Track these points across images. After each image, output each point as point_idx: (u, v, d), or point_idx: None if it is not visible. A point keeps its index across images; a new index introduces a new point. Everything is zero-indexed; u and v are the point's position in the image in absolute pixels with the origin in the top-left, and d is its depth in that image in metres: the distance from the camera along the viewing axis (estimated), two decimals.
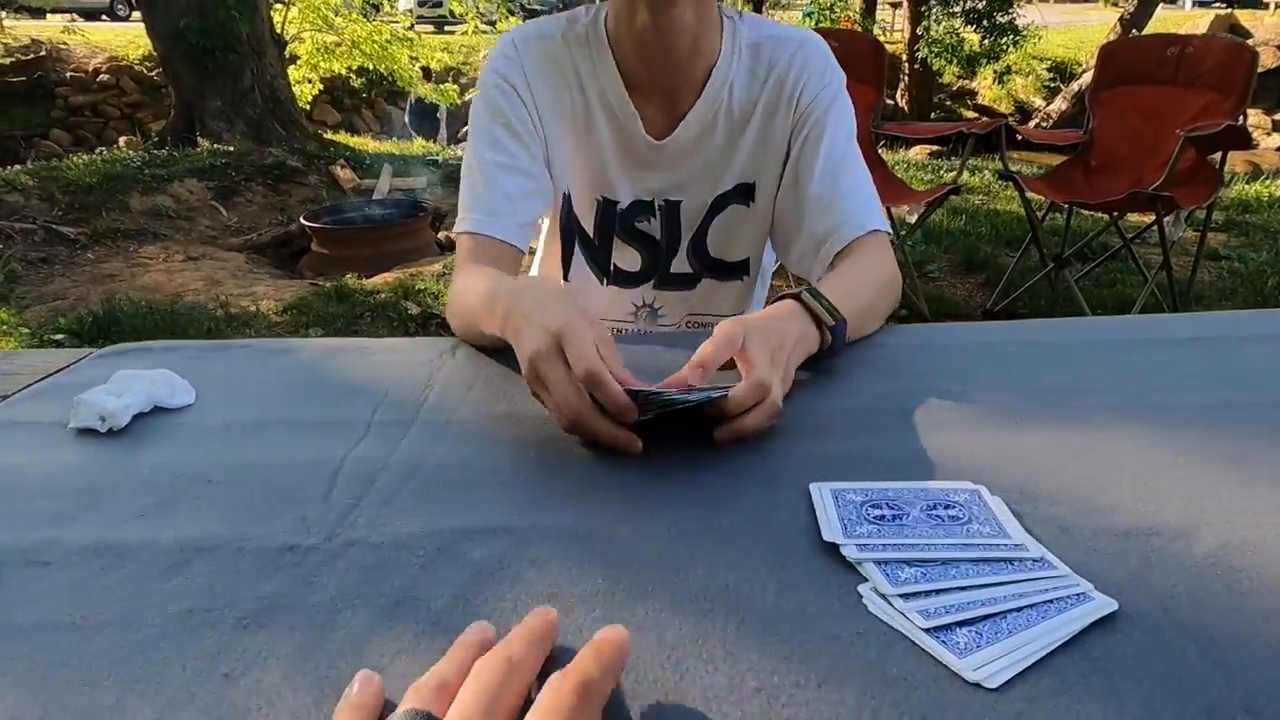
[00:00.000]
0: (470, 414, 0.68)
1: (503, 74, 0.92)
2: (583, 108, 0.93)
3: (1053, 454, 0.58)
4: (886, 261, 0.88)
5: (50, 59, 12.67)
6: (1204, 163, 3.05)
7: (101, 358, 0.85)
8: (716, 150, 0.95)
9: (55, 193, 4.81)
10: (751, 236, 1.00)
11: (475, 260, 0.88)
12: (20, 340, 2.98)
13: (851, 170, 0.91)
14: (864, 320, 0.79)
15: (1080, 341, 0.81)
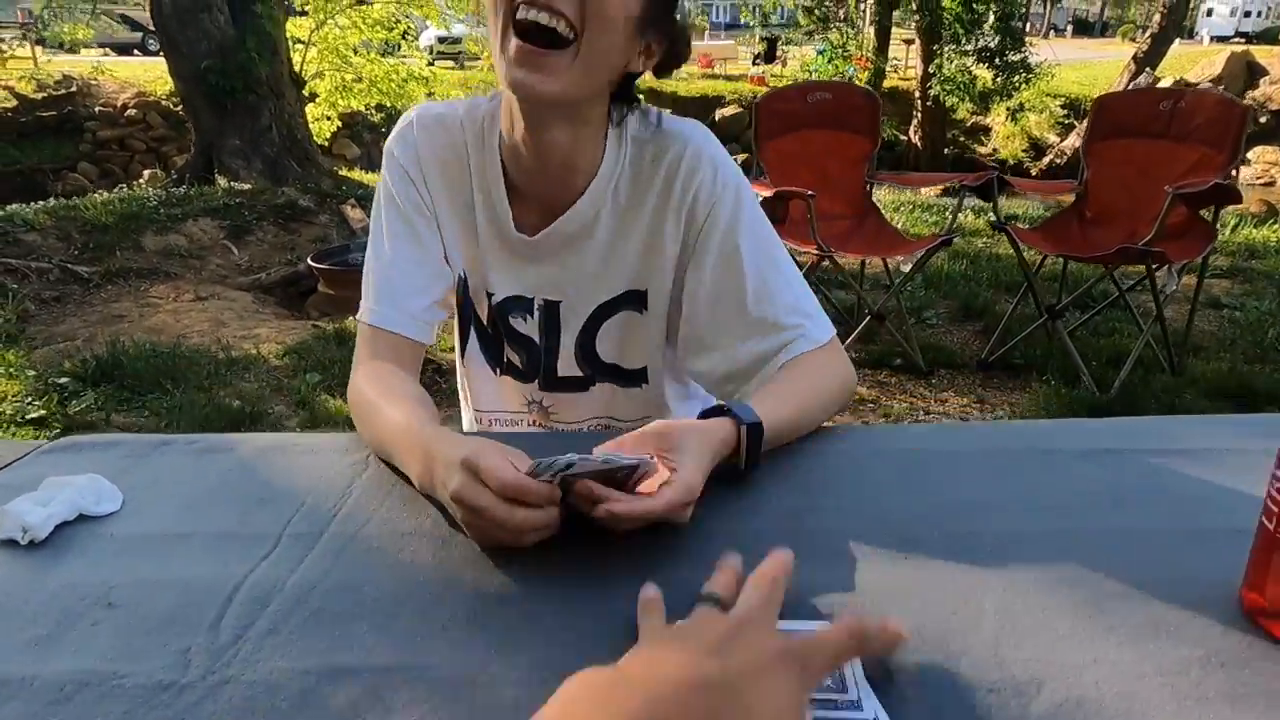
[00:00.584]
0: (376, 530, 0.70)
1: (398, 156, 0.93)
2: (469, 195, 0.93)
3: (925, 587, 0.60)
4: (831, 368, 0.88)
5: (80, 94, 13.03)
6: (1196, 217, 3.05)
7: (47, 453, 0.88)
8: (599, 252, 0.93)
9: (73, 232, 4.93)
10: (647, 344, 0.97)
11: (375, 355, 0.90)
12: (26, 383, 3.05)
13: (782, 287, 0.89)
14: (796, 428, 0.81)
15: (986, 450, 0.82)
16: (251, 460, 0.84)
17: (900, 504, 0.72)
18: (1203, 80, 16.09)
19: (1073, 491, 0.74)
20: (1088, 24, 44.32)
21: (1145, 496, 0.73)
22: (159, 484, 0.80)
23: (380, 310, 0.91)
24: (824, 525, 0.69)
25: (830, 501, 0.73)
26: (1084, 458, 0.80)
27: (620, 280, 0.94)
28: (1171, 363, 3.20)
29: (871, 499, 0.73)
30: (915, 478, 0.77)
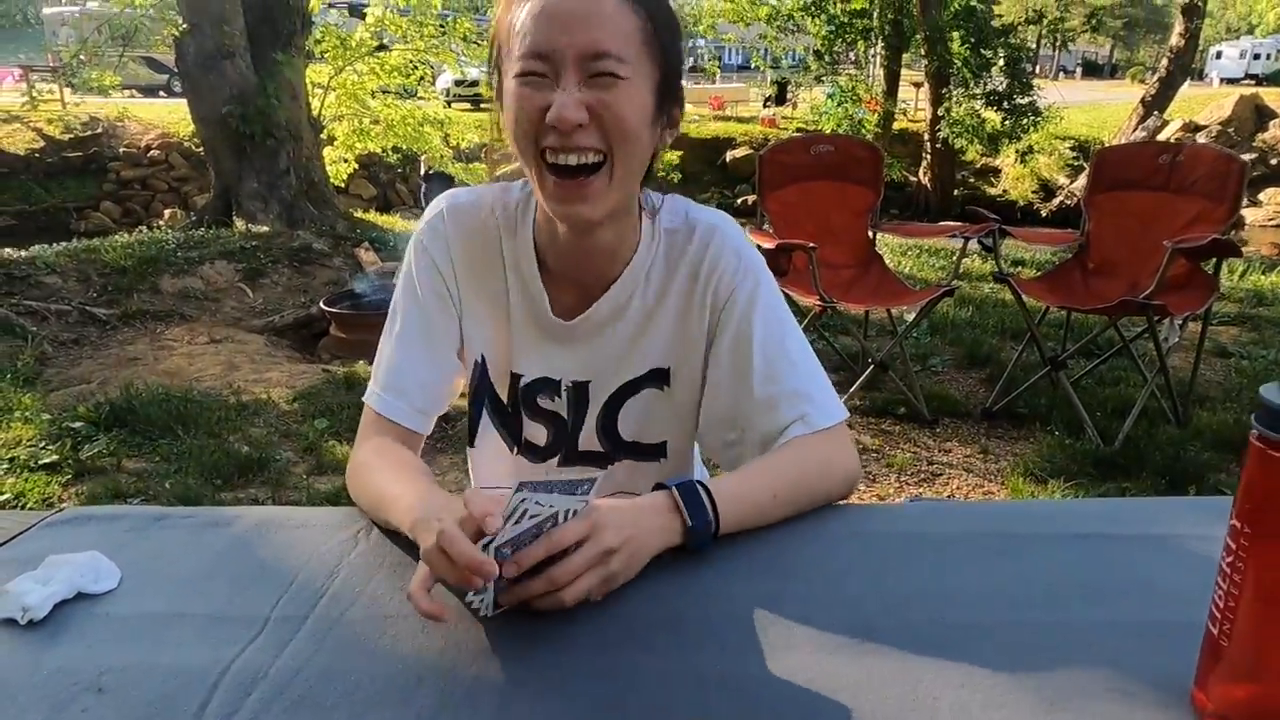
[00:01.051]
0: (361, 613, 0.73)
1: (427, 246, 0.96)
2: (502, 281, 0.96)
3: (883, 681, 0.61)
4: (833, 453, 0.89)
5: (106, 136, 13.37)
6: (1198, 269, 3.07)
7: (51, 526, 0.91)
8: (628, 334, 0.96)
9: (92, 274, 5.04)
10: (669, 420, 1.00)
11: (379, 433, 0.95)
12: (40, 427, 3.11)
13: (792, 368, 0.92)
14: (769, 508, 0.83)
15: (952, 534, 0.84)
16: (246, 536, 0.87)
17: (864, 591, 0.74)
18: (1212, 123, 16.18)
19: (1036, 580, 0.75)
20: (1097, 66, 44.75)
21: (1108, 586, 0.74)
22: (157, 560, 0.83)
23: (386, 398, 0.96)
24: (790, 612, 0.71)
25: (799, 588, 0.75)
26: (1051, 542, 0.82)
27: (646, 360, 0.97)
28: (1177, 414, 3.19)
29: (837, 585, 0.75)
30: (880, 563, 0.79)
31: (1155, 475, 2.76)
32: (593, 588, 0.69)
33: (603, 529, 0.70)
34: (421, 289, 0.96)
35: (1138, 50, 44.94)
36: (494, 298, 0.97)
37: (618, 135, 0.80)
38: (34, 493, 2.65)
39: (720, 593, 0.74)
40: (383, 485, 0.86)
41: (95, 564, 0.79)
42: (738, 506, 0.80)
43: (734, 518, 0.79)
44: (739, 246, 0.95)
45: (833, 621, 0.69)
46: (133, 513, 0.94)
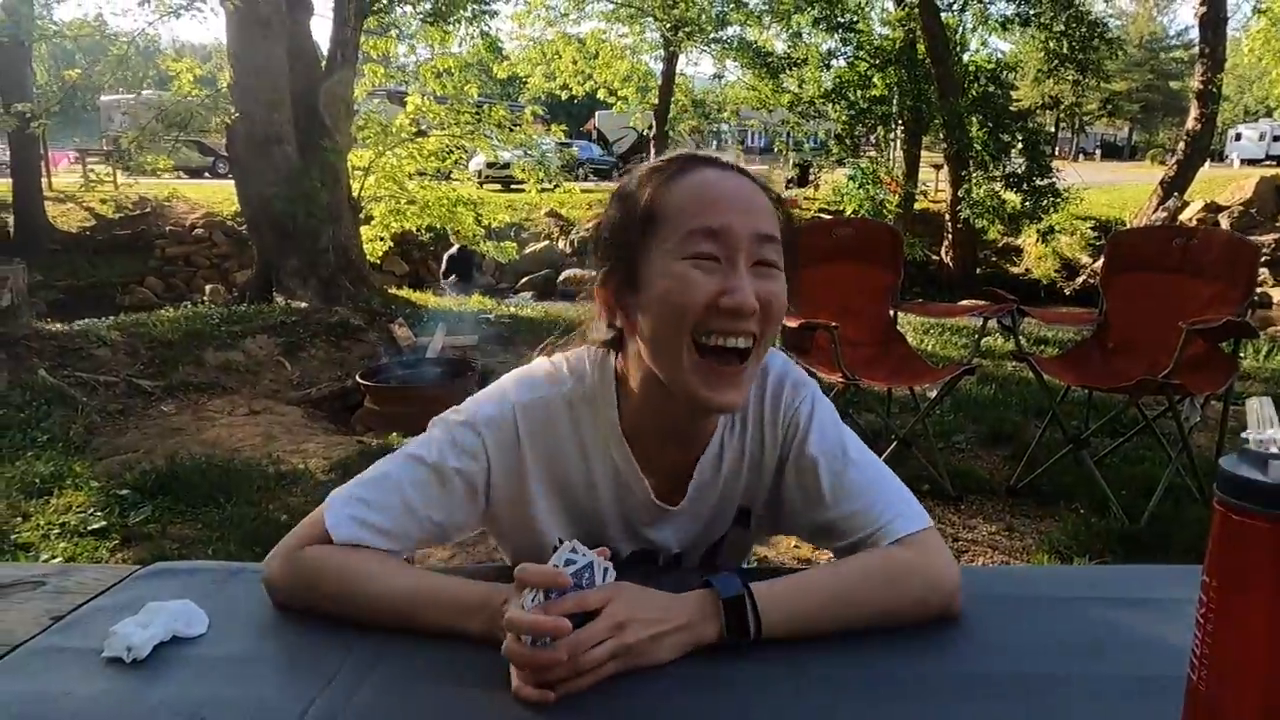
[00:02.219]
0: (424, 664, 0.81)
1: (488, 443, 0.89)
2: (585, 473, 0.93)
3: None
4: (904, 559, 0.85)
5: (154, 215, 13.99)
6: (1216, 350, 3.13)
7: (142, 578, 1.01)
8: (717, 496, 0.97)
9: (140, 347, 5.26)
10: (743, 551, 1.08)
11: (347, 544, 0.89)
12: (90, 494, 3.23)
13: (858, 478, 0.91)
14: (810, 619, 0.81)
15: (983, 597, 0.91)
16: None
17: (861, 652, 0.81)
18: (1233, 204, 16.28)
19: (1037, 639, 0.82)
20: (1116, 148, 45.38)
21: (1105, 647, 0.81)
22: (237, 608, 0.92)
23: (370, 519, 0.89)
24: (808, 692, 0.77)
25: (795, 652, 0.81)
26: (1058, 605, 0.88)
27: (733, 509, 0.99)
28: (1202, 492, 3.19)
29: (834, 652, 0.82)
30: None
31: (1182, 553, 2.76)
32: (609, 659, 0.72)
33: (623, 601, 0.74)
34: (456, 468, 0.89)
35: (1156, 132, 45.61)
36: (567, 484, 0.93)
37: (772, 324, 0.83)
38: (83, 557, 2.76)
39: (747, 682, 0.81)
40: (398, 586, 0.85)
41: (187, 610, 0.88)
42: (784, 616, 0.79)
43: (781, 626, 0.79)
44: (798, 379, 0.96)
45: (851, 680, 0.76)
46: (212, 567, 1.04)
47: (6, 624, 0.90)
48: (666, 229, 0.82)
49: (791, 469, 0.93)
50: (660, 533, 0.97)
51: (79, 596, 0.97)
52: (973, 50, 16.02)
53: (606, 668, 0.73)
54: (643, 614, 0.75)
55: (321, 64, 8.09)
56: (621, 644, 0.73)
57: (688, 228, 0.80)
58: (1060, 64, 14.26)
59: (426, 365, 5.31)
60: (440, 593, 0.83)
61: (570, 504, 0.94)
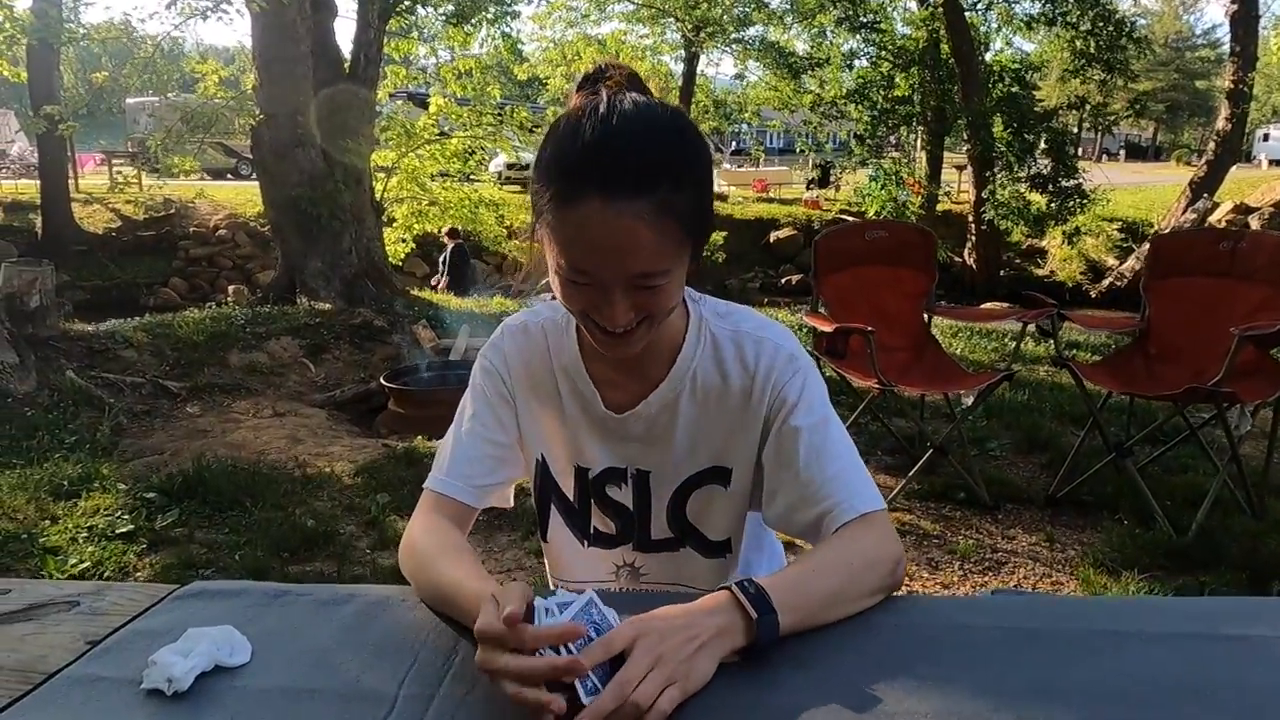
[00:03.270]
0: (484, 693, 0.75)
1: (489, 357, 1.07)
2: (553, 383, 1.05)
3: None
4: (872, 542, 0.90)
5: (178, 216, 14.11)
6: (1266, 357, 3.03)
7: (179, 599, 0.96)
8: (682, 430, 1.01)
9: (165, 349, 5.27)
10: (730, 517, 1.05)
11: (431, 510, 1.01)
12: (117, 497, 3.22)
13: (833, 457, 0.95)
14: (823, 607, 0.82)
15: (1066, 631, 0.84)
16: (363, 615, 0.91)
17: (951, 690, 0.74)
18: (1264, 205, 16.00)
19: (1143, 680, 0.75)
20: (1141, 149, 44.79)
21: (1219, 689, 0.74)
22: (281, 635, 0.87)
23: (442, 479, 1.03)
24: (857, 712, 0.72)
25: (880, 683, 0.75)
26: (1156, 641, 0.82)
27: (704, 456, 1.02)
28: (1251, 504, 3.10)
29: (916, 685, 0.75)
30: (967, 659, 0.79)
31: (1234, 569, 2.67)
32: (663, 692, 0.68)
33: (652, 632, 0.72)
34: (486, 389, 1.06)
35: (1182, 133, 44.98)
36: (548, 399, 1.06)
37: (662, 313, 0.89)
38: (111, 561, 2.74)
39: (771, 683, 0.75)
40: (437, 574, 0.91)
41: (230, 638, 0.83)
42: (795, 603, 0.79)
43: (793, 614, 0.79)
44: (791, 350, 1.00)
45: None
46: (254, 588, 0.99)
47: (41, 649, 0.86)
48: (551, 243, 0.85)
49: (774, 436, 0.98)
50: (623, 448, 1.04)
51: (114, 618, 0.92)
52: (996, 50, 15.86)
53: (664, 700, 0.69)
54: (673, 637, 0.72)
55: (345, 65, 8.10)
56: (668, 674, 0.70)
57: (563, 258, 0.84)
58: (1087, 63, 14.06)
59: (450, 367, 5.28)
60: (461, 585, 0.86)
61: (547, 410, 1.06)
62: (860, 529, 0.90)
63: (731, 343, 1.00)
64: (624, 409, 1.02)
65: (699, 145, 0.87)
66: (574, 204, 0.81)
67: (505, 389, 1.06)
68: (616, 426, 1.03)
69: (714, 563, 1.07)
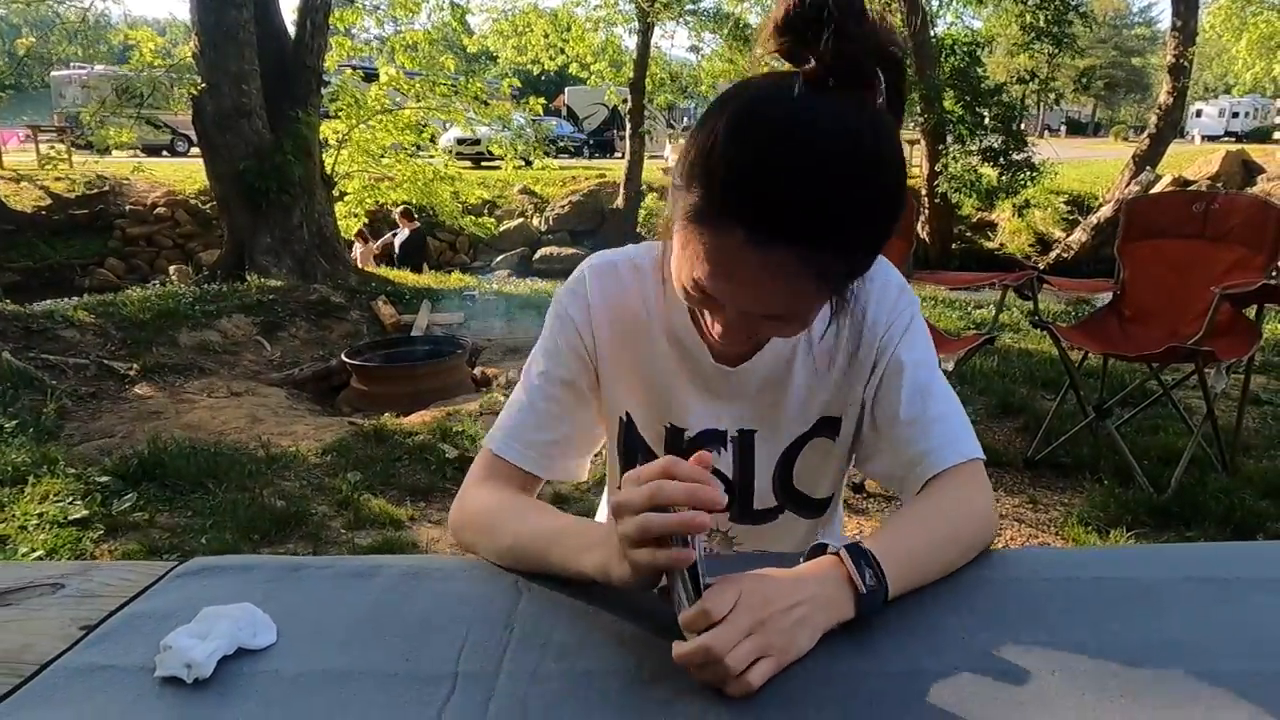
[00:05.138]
0: (555, 668, 0.67)
1: (566, 304, 0.94)
2: (649, 333, 0.93)
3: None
4: (974, 495, 0.84)
5: (113, 193, 13.47)
6: (1240, 316, 3.07)
7: (180, 578, 0.85)
8: (797, 382, 0.92)
9: (110, 328, 5.00)
10: (835, 472, 0.98)
11: (492, 476, 0.92)
12: (67, 482, 3.03)
13: (938, 398, 0.88)
14: (925, 568, 0.77)
15: (1160, 580, 0.79)
16: (395, 588, 0.81)
17: (1071, 641, 0.69)
18: (1201, 178, 16.51)
19: (1267, 628, 0.70)
20: (1080, 124, 45.87)
21: None
22: (306, 613, 0.77)
23: (506, 441, 0.93)
24: (964, 673, 0.66)
25: (973, 643, 0.69)
26: (1263, 587, 0.77)
27: (815, 409, 0.94)
28: (1224, 462, 3.15)
29: (1032, 643, 0.70)
30: (1077, 611, 0.73)
31: (1216, 524, 2.71)
32: (758, 663, 0.62)
33: (756, 594, 0.65)
34: (561, 342, 0.94)
35: (1119, 109, 46.16)
36: (639, 350, 0.94)
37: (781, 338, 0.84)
38: (66, 549, 2.57)
39: (873, 651, 0.69)
40: (530, 526, 0.82)
41: (252, 617, 0.73)
42: (902, 568, 0.73)
43: (900, 580, 0.73)
44: (899, 285, 0.92)
45: (1036, 682, 0.64)
46: (265, 562, 0.88)
47: (26, 637, 0.75)
48: (682, 242, 0.72)
49: (880, 369, 0.90)
50: (727, 407, 0.93)
51: (108, 600, 0.81)
52: (946, 24, 15.96)
53: (754, 674, 0.62)
54: (777, 602, 0.66)
55: (290, 34, 7.75)
56: (766, 640, 0.63)
57: (694, 274, 0.72)
58: (1036, 37, 14.25)
59: (413, 343, 5.12)
60: (565, 530, 0.80)
61: (638, 363, 0.94)
62: (961, 478, 0.84)
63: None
64: (735, 362, 0.91)
65: (894, 198, 0.69)
66: (712, 226, 0.68)
67: (583, 344, 0.93)
68: (725, 384, 0.92)
69: (813, 523, 0.99)
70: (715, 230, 0.68)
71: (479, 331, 5.67)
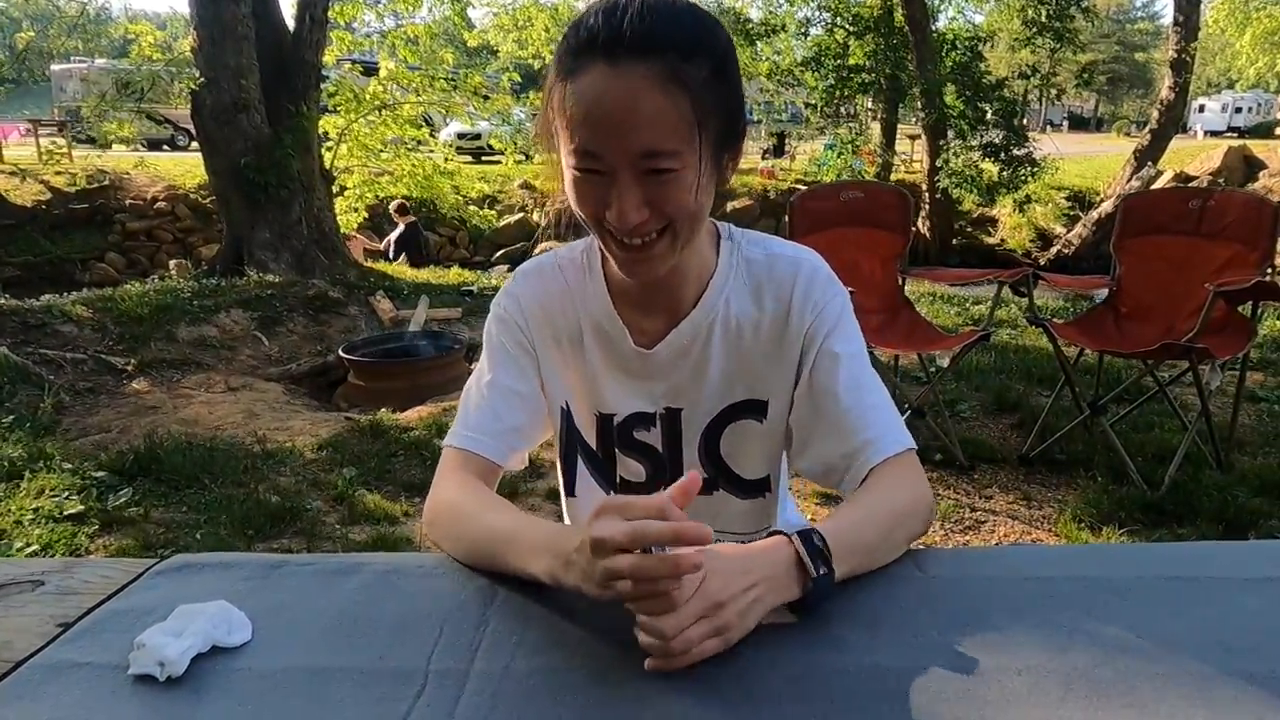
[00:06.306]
0: (525, 665, 0.68)
1: (503, 305, 1.00)
2: (575, 327, 0.98)
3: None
4: (913, 484, 0.87)
5: (113, 188, 13.46)
6: (1235, 313, 3.07)
7: (161, 574, 0.86)
8: (716, 360, 0.96)
9: (108, 323, 5.00)
10: (767, 454, 1.00)
11: (457, 468, 0.93)
12: (63, 477, 3.04)
13: (871, 389, 0.92)
14: (872, 555, 0.80)
15: (1140, 579, 0.80)
16: (375, 585, 0.82)
17: (1034, 640, 0.69)
18: (1202, 174, 16.48)
19: (1245, 628, 0.71)
20: (1083, 120, 45.77)
21: None
22: (284, 610, 0.78)
23: (466, 434, 0.95)
24: (925, 668, 0.66)
25: (936, 638, 0.70)
26: (1247, 587, 0.77)
27: (740, 389, 0.97)
28: (1218, 459, 3.15)
29: (989, 630, 0.70)
30: (1044, 610, 0.74)
31: (1208, 521, 2.71)
32: (704, 641, 0.65)
33: (718, 574, 0.67)
34: (504, 338, 0.99)
35: (1121, 105, 46.03)
36: (570, 345, 0.99)
37: (679, 214, 0.81)
38: (61, 544, 2.58)
39: (830, 643, 0.69)
40: (487, 526, 0.83)
41: (227, 615, 0.74)
42: (850, 554, 0.76)
43: (846, 565, 0.75)
44: (829, 276, 0.96)
45: (992, 681, 0.64)
46: (245, 560, 0.89)
47: (4, 633, 0.76)
48: (562, 132, 0.80)
49: (811, 360, 0.93)
50: (649, 387, 0.98)
51: (87, 598, 0.82)
52: (948, 19, 15.93)
53: (701, 650, 0.65)
54: (735, 584, 0.68)
55: (289, 28, 7.73)
56: (720, 623, 0.66)
57: (572, 144, 0.79)
58: (1038, 32, 14.20)
59: (410, 339, 5.12)
60: (517, 532, 0.80)
61: (568, 357, 0.99)
62: (899, 469, 0.87)
63: (765, 266, 0.95)
64: (653, 344, 0.96)
65: (715, 24, 0.81)
66: (578, 75, 0.77)
67: (524, 337, 0.98)
68: (645, 364, 0.97)
69: (751, 504, 1.02)
70: (579, 77, 0.77)
71: (476, 327, 5.67)
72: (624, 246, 0.83)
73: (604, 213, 0.81)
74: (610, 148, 0.77)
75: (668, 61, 0.76)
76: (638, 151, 0.77)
